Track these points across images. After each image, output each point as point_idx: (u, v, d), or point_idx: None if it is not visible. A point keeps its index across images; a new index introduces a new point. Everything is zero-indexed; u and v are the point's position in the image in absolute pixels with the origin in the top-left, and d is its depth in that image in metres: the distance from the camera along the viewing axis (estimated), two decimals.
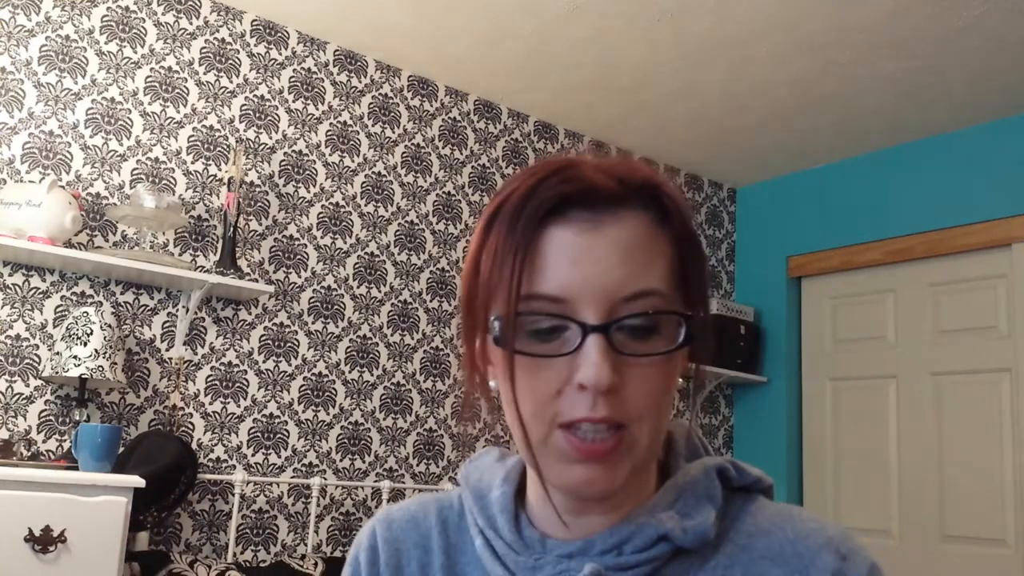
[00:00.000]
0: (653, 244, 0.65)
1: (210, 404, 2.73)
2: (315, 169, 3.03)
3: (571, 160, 0.67)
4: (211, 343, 2.76)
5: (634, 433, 0.64)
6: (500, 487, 0.75)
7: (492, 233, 0.66)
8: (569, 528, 0.70)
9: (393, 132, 3.22)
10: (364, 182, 3.13)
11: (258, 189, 2.90)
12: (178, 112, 2.78)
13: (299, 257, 2.96)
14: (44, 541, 1.98)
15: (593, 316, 0.62)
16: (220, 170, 2.82)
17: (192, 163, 2.79)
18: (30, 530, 1.97)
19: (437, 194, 3.30)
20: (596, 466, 0.63)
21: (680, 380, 0.69)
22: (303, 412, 2.90)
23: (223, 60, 2.88)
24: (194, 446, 2.67)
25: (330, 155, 3.07)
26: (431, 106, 3.33)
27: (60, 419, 2.47)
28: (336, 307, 3.02)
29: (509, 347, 0.64)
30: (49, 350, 2.47)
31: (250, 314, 2.84)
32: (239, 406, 2.78)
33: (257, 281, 2.83)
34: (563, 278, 0.63)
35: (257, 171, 2.90)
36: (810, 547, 0.66)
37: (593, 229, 0.64)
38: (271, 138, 2.95)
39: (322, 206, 3.03)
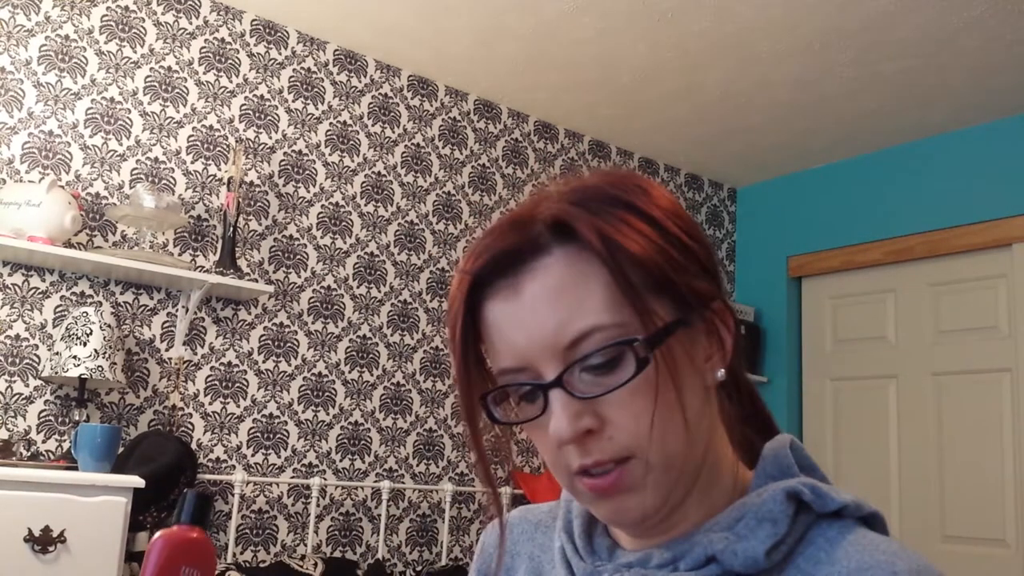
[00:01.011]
0: (579, 277, 0.63)
1: (210, 404, 2.73)
2: (315, 169, 3.03)
3: (487, 231, 0.68)
4: (211, 343, 2.76)
5: (643, 462, 0.63)
6: None
7: (449, 325, 0.70)
8: (637, 540, 0.70)
9: (393, 132, 3.22)
10: (364, 182, 3.13)
11: (258, 189, 2.90)
12: (178, 112, 2.78)
13: (299, 257, 2.96)
14: (44, 541, 1.98)
15: (550, 371, 0.63)
16: (220, 170, 2.82)
17: (192, 163, 2.79)
18: (30, 530, 1.97)
19: (437, 194, 3.30)
20: (619, 497, 0.64)
21: (721, 372, 0.67)
22: (303, 412, 2.90)
23: (223, 60, 2.88)
24: (194, 446, 2.67)
25: (330, 155, 3.07)
26: (431, 106, 3.32)
27: (60, 419, 2.47)
28: (336, 307, 3.02)
29: (499, 420, 0.68)
30: (49, 350, 2.46)
31: (250, 314, 2.84)
32: (239, 406, 2.78)
33: (257, 281, 2.83)
34: (512, 348, 0.65)
35: (257, 171, 2.90)
36: None
37: (514, 294, 0.65)
38: (271, 138, 2.94)
39: (322, 206, 3.03)
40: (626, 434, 0.63)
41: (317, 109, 3.05)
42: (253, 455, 2.79)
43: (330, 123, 3.08)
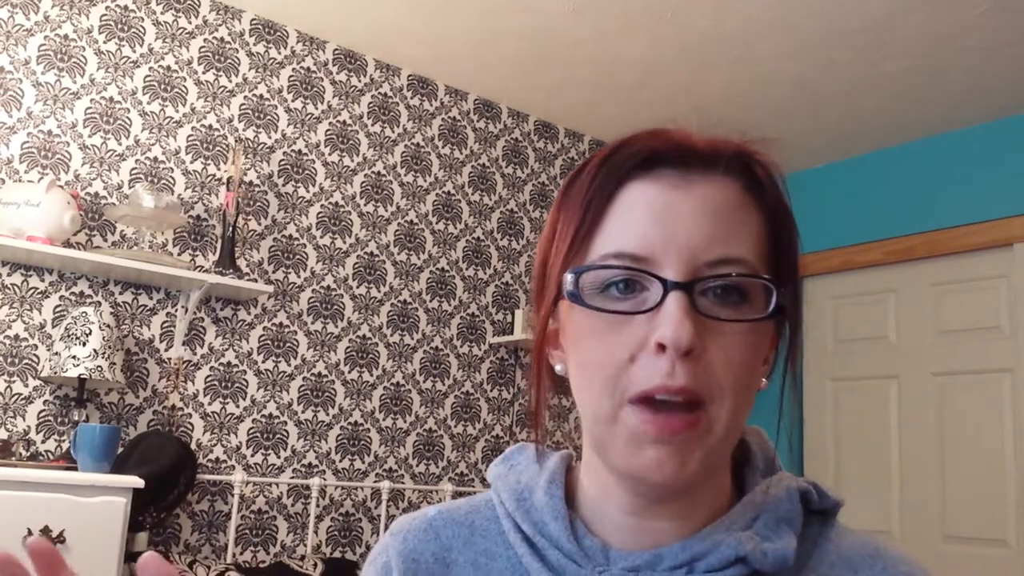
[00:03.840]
0: (743, 212, 0.62)
1: (209, 404, 2.73)
2: (314, 169, 3.02)
3: (660, 128, 0.66)
4: (210, 343, 2.75)
5: (712, 413, 0.58)
6: (547, 490, 0.68)
7: (573, 190, 0.64)
8: (632, 537, 0.64)
9: (393, 131, 3.22)
10: (363, 182, 3.13)
11: (257, 189, 2.90)
12: (177, 111, 2.77)
13: (298, 257, 2.96)
14: None
15: (675, 275, 0.58)
16: (219, 170, 2.82)
17: (191, 163, 2.78)
18: (29, 530, 1.96)
19: (437, 194, 3.30)
20: (668, 447, 0.58)
21: (765, 381, 0.64)
22: (302, 412, 2.90)
23: (222, 59, 2.88)
24: (193, 446, 2.66)
25: (329, 155, 3.06)
26: (431, 105, 3.32)
27: (59, 419, 2.47)
28: (335, 307, 3.01)
29: (582, 300, 0.60)
30: (48, 350, 2.46)
31: (249, 314, 2.84)
32: (238, 406, 2.78)
33: (256, 281, 2.82)
34: (645, 235, 0.60)
35: (256, 171, 2.90)
36: None
37: (681, 186, 0.61)
38: (270, 137, 2.94)
39: (321, 206, 3.02)
40: (715, 374, 0.58)
41: (317, 109, 3.05)
42: (253, 455, 2.78)
43: (330, 123, 3.07)
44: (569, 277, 0.61)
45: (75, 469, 2.18)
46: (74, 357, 2.32)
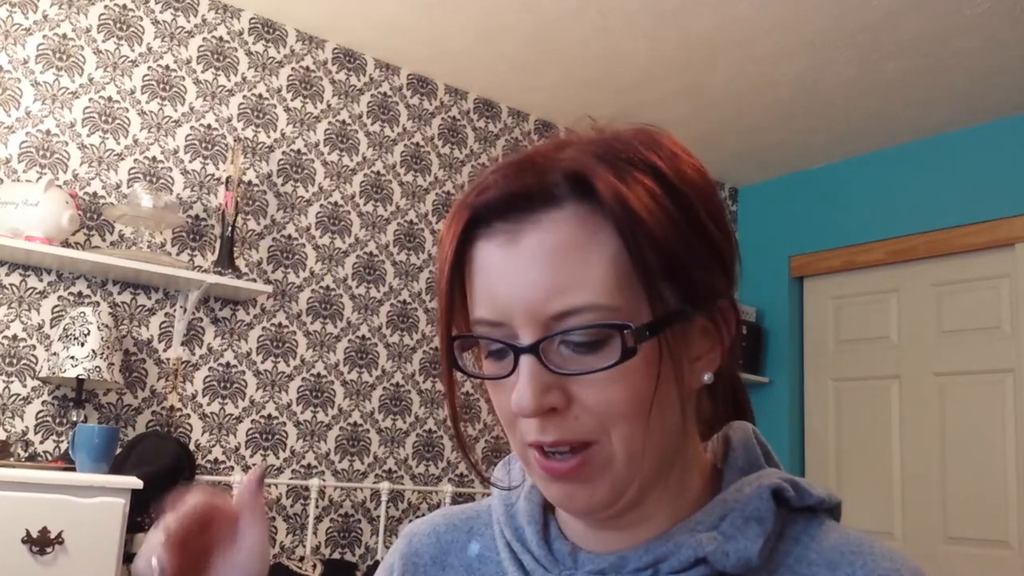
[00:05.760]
0: (584, 246, 0.57)
1: (208, 405, 2.72)
2: (314, 168, 3.02)
3: (498, 165, 0.62)
4: (209, 343, 2.74)
5: (604, 448, 0.59)
6: (527, 495, 0.70)
7: (440, 254, 0.64)
8: (600, 540, 0.65)
9: (392, 131, 3.21)
10: (363, 181, 3.12)
11: (256, 188, 2.89)
12: (176, 111, 2.77)
13: (297, 257, 2.95)
14: (41, 542, 1.96)
15: (528, 335, 0.58)
16: (218, 169, 2.81)
17: (190, 162, 2.77)
18: (27, 531, 1.95)
19: (436, 193, 3.29)
20: (572, 484, 0.60)
21: (709, 375, 0.62)
22: (302, 413, 2.89)
23: (221, 58, 2.87)
24: (192, 447, 2.65)
25: (329, 154, 3.05)
26: (430, 105, 3.31)
27: (57, 420, 2.46)
28: (335, 307, 3.01)
29: (463, 369, 0.64)
30: (46, 350, 2.45)
31: (248, 314, 2.83)
32: (237, 407, 2.77)
33: (255, 281, 2.82)
34: (495, 299, 0.59)
35: (255, 170, 2.89)
36: None
37: (514, 239, 0.59)
38: (269, 137, 2.93)
39: (321, 205, 3.02)
40: (593, 418, 0.58)
41: (316, 108, 3.04)
42: (252, 456, 2.78)
43: (329, 122, 3.07)
44: (454, 344, 0.63)
45: (73, 470, 2.17)
46: (72, 357, 2.31)
